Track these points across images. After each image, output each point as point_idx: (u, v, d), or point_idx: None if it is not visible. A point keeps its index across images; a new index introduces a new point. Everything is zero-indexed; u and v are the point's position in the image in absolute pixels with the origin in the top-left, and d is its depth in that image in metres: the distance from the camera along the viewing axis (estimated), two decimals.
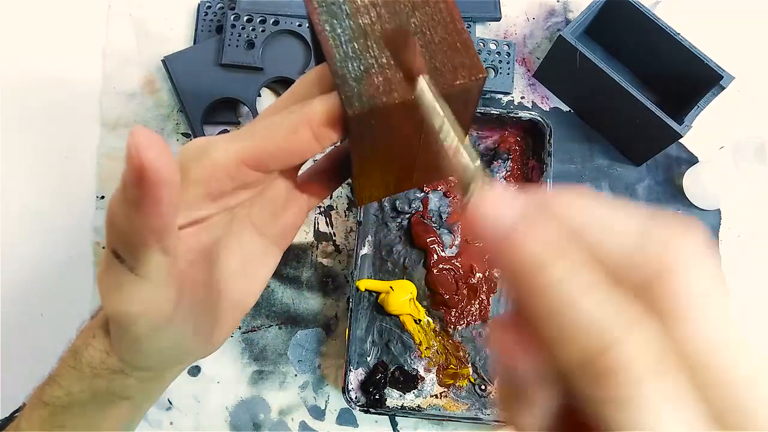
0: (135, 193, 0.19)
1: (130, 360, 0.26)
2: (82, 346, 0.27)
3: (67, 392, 0.27)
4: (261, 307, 0.53)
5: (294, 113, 0.23)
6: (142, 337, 0.24)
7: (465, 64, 0.23)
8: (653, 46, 0.54)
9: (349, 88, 0.23)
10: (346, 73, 0.23)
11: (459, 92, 0.24)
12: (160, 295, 0.23)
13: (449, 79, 0.23)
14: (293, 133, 0.23)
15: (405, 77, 0.23)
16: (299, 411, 0.51)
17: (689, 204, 0.56)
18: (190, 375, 0.51)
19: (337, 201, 0.55)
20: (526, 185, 0.55)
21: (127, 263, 0.21)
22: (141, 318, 0.23)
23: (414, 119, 0.24)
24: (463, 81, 0.23)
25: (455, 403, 0.50)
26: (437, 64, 0.23)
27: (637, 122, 0.52)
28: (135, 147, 0.18)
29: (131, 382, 0.27)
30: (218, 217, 0.25)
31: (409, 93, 0.23)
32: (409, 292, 0.52)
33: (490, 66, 0.56)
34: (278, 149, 0.23)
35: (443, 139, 0.21)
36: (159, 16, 0.60)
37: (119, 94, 0.57)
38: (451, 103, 0.24)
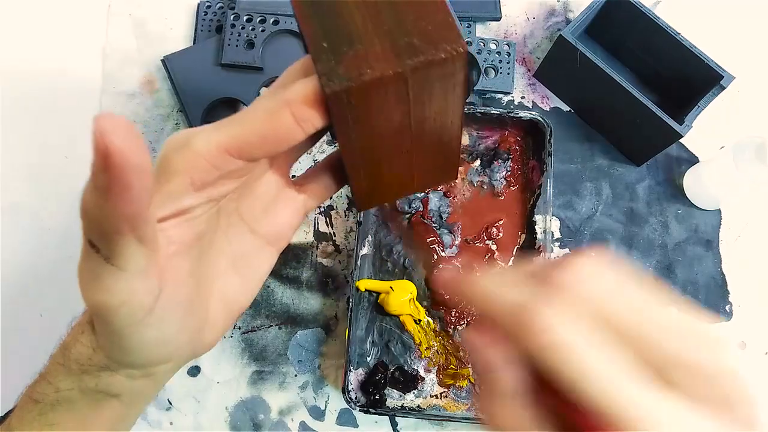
0: (103, 180, 0.18)
1: (115, 355, 0.26)
2: (70, 342, 0.27)
3: (55, 389, 0.27)
4: (261, 307, 0.53)
5: (273, 97, 0.23)
6: (123, 331, 0.23)
7: (445, 39, 0.22)
8: (653, 46, 0.54)
9: (327, 65, 0.22)
10: (324, 49, 0.22)
11: (442, 72, 0.23)
12: (139, 286, 0.22)
13: (428, 55, 0.22)
14: (273, 117, 0.23)
15: (385, 52, 0.22)
16: (299, 411, 0.51)
17: (689, 204, 0.56)
18: (190, 375, 0.51)
19: (337, 201, 0.55)
20: (527, 185, 0.55)
21: (103, 253, 0.21)
22: (120, 310, 0.22)
23: (399, 100, 0.23)
24: (444, 55, 0.22)
25: (455, 403, 0.50)
26: (415, 40, 0.22)
27: (638, 122, 0.52)
28: (100, 132, 0.17)
29: (118, 379, 0.27)
30: (202, 209, 0.25)
31: (389, 67, 0.22)
32: (409, 292, 0.51)
33: (490, 66, 0.56)
34: (259, 135, 0.23)
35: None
36: (159, 16, 0.60)
37: (119, 94, 0.57)
38: (436, 88, 0.24)
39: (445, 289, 0.23)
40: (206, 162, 0.23)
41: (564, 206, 0.56)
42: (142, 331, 0.24)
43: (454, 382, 0.50)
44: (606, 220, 0.56)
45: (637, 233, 0.55)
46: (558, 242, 0.55)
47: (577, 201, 0.56)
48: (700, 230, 0.56)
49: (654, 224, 0.56)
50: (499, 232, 0.54)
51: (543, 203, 0.53)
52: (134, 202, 0.19)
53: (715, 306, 0.54)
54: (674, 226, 0.56)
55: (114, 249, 0.20)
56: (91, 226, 0.20)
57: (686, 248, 0.55)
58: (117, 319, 0.23)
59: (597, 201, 0.56)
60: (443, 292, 0.27)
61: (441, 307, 0.52)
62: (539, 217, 0.53)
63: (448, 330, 0.52)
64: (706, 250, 0.55)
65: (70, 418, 0.27)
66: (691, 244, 0.55)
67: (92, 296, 0.22)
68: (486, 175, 0.56)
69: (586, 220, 0.56)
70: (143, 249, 0.21)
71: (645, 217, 0.56)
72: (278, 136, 0.23)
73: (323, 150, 0.56)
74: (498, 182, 0.55)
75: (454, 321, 0.52)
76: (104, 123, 0.17)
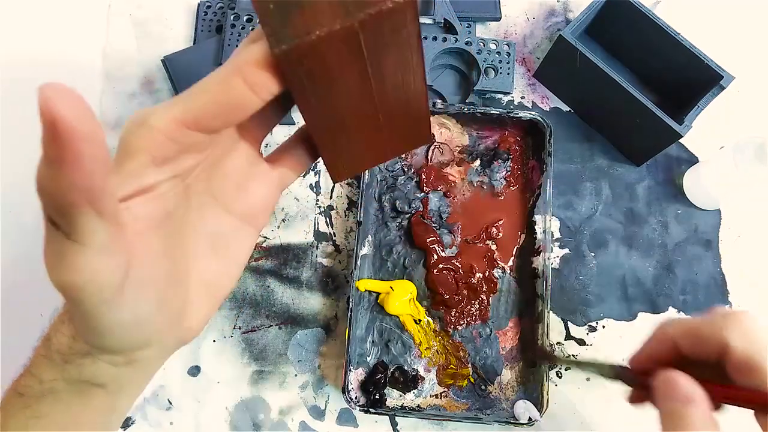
0: (53, 151, 0.18)
1: (91, 339, 0.25)
2: (52, 333, 0.26)
3: (39, 381, 0.27)
4: (261, 307, 0.53)
5: (226, 66, 0.23)
6: (94, 311, 0.23)
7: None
8: (653, 46, 0.54)
9: (274, 27, 0.22)
10: (271, 12, 0.22)
11: (393, 23, 0.22)
12: (103, 262, 0.21)
13: (376, 6, 0.21)
14: (225, 85, 0.23)
15: (333, 7, 0.21)
16: (299, 411, 0.51)
17: (689, 204, 0.56)
18: (190, 375, 0.51)
19: (337, 201, 0.55)
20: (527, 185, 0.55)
21: (63, 229, 0.20)
22: (86, 288, 0.22)
23: (353, 58, 0.23)
24: (392, 5, 0.21)
25: (455, 403, 0.50)
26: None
27: (637, 122, 0.52)
28: (45, 100, 0.17)
29: (101, 366, 0.26)
30: (167, 186, 0.24)
31: (337, 22, 0.21)
32: (409, 292, 0.52)
33: (490, 66, 0.56)
34: (213, 104, 0.23)
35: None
36: (159, 16, 0.60)
37: (119, 94, 0.58)
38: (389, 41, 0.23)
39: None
40: (164, 137, 0.23)
41: (564, 206, 0.56)
42: (114, 311, 0.23)
43: (453, 381, 0.50)
44: (606, 220, 0.56)
45: (637, 233, 0.56)
46: (558, 242, 0.55)
47: (576, 201, 0.56)
48: (700, 230, 0.56)
49: (654, 224, 0.56)
50: (499, 232, 0.54)
51: (543, 203, 0.53)
52: (87, 172, 0.18)
53: (715, 306, 0.54)
54: (674, 226, 0.56)
55: (73, 224, 0.20)
56: (48, 202, 0.20)
57: (686, 248, 0.55)
58: (85, 298, 0.22)
59: (597, 201, 0.56)
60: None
61: (441, 307, 0.52)
62: (539, 217, 0.53)
63: (448, 330, 0.52)
64: (705, 250, 0.55)
65: (56, 410, 0.27)
66: (691, 244, 0.55)
67: (57, 276, 0.22)
68: (486, 175, 0.56)
69: (585, 220, 0.56)
70: (104, 223, 0.21)
71: (645, 217, 0.56)
72: (233, 104, 0.23)
73: None
74: (498, 182, 0.55)
75: (454, 321, 0.52)
76: (49, 91, 0.17)
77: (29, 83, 0.64)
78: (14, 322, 0.52)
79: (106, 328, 0.24)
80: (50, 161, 0.18)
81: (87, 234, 0.20)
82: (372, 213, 0.54)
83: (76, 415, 0.27)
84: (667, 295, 0.54)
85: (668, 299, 0.54)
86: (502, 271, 0.54)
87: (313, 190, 0.56)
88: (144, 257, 0.24)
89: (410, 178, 0.55)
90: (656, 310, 0.54)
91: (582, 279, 0.54)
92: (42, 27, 0.59)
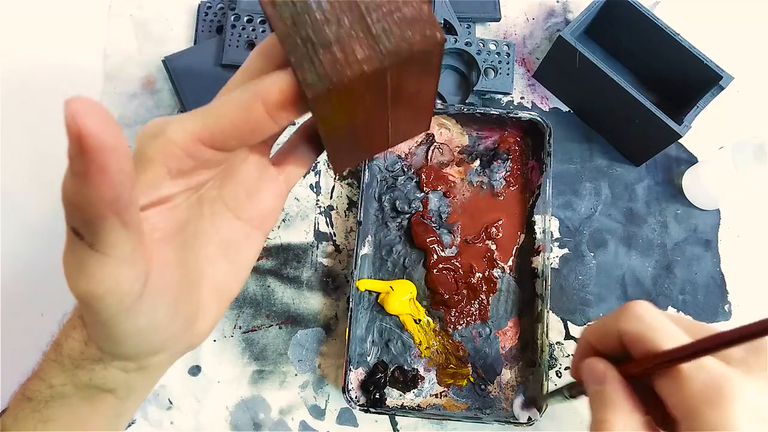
0: (79, 164, 0.18)
1: (106, 346, 0.25)
2: (62, 338, 0.27)
3: (49, 385, 0.27)
4: (261, 307, 0.53)
5: (247, 91, 0.23)
6: (112, 319, 0.23)
7: (421, 29, 0.22)
8: (653, 47, 0.54)
9: (301, 62, 0.22)
10: (300, 49, 0.22)
11: (420, 61, 0.23)
12: (125, 272, 0.22)
13: (407, 50, 0.22)
14: (246, 112, 0.23)
15: (363, 49, 0.22)
16: (299, 410, 0.51)
17: (688, 204, 0.56)
18: (191, 375, 0.51)
19: (337, 201, 0.56)
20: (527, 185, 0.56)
21: (87, 239, 0.20)
22: (107, 297, 0.22)
23: (379, 89, 0.23)
24: (422, 47, 0.22)
25: (455, 402, 0.50)
26: (391, 34, 0.22)
27: (637, 122, 0.52)
28: (71, 115, 0.17)
29: (112, 372, 0.26)
30: (182, 198, 0.24)
31: (368, 65, 0.21)
32: (409, 292, 0.52)
33: (490, 66, 0.56)
34: (232, 127, 0.23)
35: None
36: (159, 16, 0.60)
37: (120, 94, 0.58)
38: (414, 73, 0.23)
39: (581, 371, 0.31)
40: (180, 151, 0.23)
41: (563, 206, 0.56)
42: (132, 319, 0.23)
43: (453, 381, 0.51)
44: (605, 220, 0.56)
45: (636, 233, 0.56)
46: (557, 242, 0.55)
47: (576, 201, 0.56)
48: (699, 230, 0.56)
49: (653, 224, 0.56)
50: (499, 232, 0.54)
51: (542, 203, 0.53)
52: (113, 184, 0.19)
53: (714, 306, 0.54)
54: (673, 226, 0.56)
55: (98, 235, 0.20)
56: (74, 213, 0.20)
57: (685, 248, 0.55)
58: (105, 308, 0.22)
59: (596, 201, 0.56)
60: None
61: (441, 307, 0.52)
62: (538, 217, 0.53)
63: (447, 330, 0.52)
64: (705, 250, 0.56)
65: (64, 414, 0.27)
66: (690, 244, 0.56)
67: (78, 285, 0.22)
68: (485, 175, 0.56)
69: (585, 220, 0.56)
70: (128, 234, 0.21)
71: (644, 217, 0.56)
72: (251, 130, 0.23)
73: None
74: (497, 182, 0.55)
75: (454, 321, 0.52)
76: (76, 106, 0.17)
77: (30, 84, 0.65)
78: (15, 322, 0.52)
79: (122, 336, 0.24)
80: (76, 174, 0.19)
81: (111, 245, 0.21)
82: (372, 213, 0.54)
83: (83, 420, 0.28)
84: (667, 294, 0.54)
85: (667, 299, 0.54)
86: (502, 270, 0.54)
87: (314, 190, 0.56)
88: (160, 266, 0.24)
89: (410, 178, 0.55)
90: None
91: (581, 279, 0.54)
92: (43, 27, 0.59)
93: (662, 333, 0.26)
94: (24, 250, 0.54)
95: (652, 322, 0.26)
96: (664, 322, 0.26)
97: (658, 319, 0.26)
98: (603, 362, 0.28)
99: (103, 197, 0.19)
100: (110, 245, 0.21)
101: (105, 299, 0.22)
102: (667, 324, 0.26)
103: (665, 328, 0.26)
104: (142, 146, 0.23)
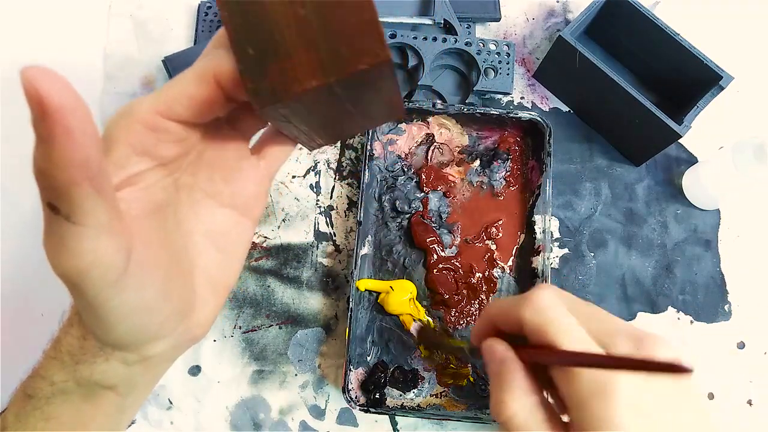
0: (45, 128, 0.18)
1: (101, 333, 0.25)
2: (61, 335, 0.27)
3: (50, 383, 0.27)
4: (261, 307, 0.53)
5: (201, 64, 0.24)
6: (100, 296, 0.23)
7: (369, 48, 0.22)
8: (653, 46, 0.54)
9: (253, 79, 0.22)
10: (249, 57, 0.22)
11: (369, 77, 0.23)
12: (105, 242, 0.22)
13: (350, 65, 0.22)
14: (200, 85, 0.24)
15: (310, 63, 0.22)
16: (299, 410, 0.51)
17: (688, 204, 0.56)
18: (191, 375, 0.51)
19: (337, 201, 0.56)
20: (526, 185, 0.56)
21: (63, 211, 0.20)
22: (91, 270, 0.22)
23: (330, 98, 0.23)
24: (368, 66, 0.22)
25: (455, 402, 0.50)
26: (339, 49, 0.22)
27: (637, 122, 0.52)
28: (29, 80, 0.18)
29: (113, 366, 0.26)
30: (153, 177, 0.25)
31: (314, 81, 0.22)
32: (409, 292, 0.52)
33: (490, 66, 0.56)
34: (188, 99, 0.24)
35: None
36: (159, 16, 0.60)
37: (120, 94, 0.58)
38: (365, 87, 0.23)
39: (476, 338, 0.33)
40: (141, 126, 0.24)
41: (563, 206, 0.56)
42: (120, 295, 0.23)
43: (453, 381, 0.51)
44: (605, 220, 0.56)
45: (636, 233, 0.56)
46: (557, 242, 0.55)
47: (576, 201, 0.56)
48: (699, 230, 0.56)
49: (653, 224, 0.56)
50: (499, 232, 0.54)
51: (542, 203, 0.53)
52: (80, 145, 0.19)
53: (714, 306, 0.54)
54: (673, 226, 0.56)
55: (73, 203, 0.20)
56: (47, 183, 0.20)
57: (685, 248, 0.55)
58: (90, 283, 0.22)
59: (596, 201, 0.56)
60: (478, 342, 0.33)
61: (441, 307, 0.52)
62: (538, 217, 0.53)
63: (447, 330, 0.52)
64: (705, 250, 0.56)
65: (66, 411, 0.27)
66: (690, 244, 0.56)
67: (60, 262, 0.22)
68: (485, 175, 0.56)
69: (585, 220, 0.56)
70: (103, 202, 0.21)
71: (644, 217, 0.56)
72: (205, 102, 0.24)
73: (323, 150, 0.57)
74: (497, 182, 0.55)
75: (454, 321, 0.52)
76: (32, 72, 0.18)
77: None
78: (15, 322, 0.52)
79: (114, 317, 0.24)
80: (43, 140, 0.19)
81: (87, 213, 0.21)
82: (372, 213, 0.54)
83: (85, 417, 0.28)
84: (667, 294, 0.54)
85: (667, 299, 0.54)
86: (502, 270, 0.54)
87: (314, 190, 0.56)
88: (143, 243, 0.24)
89: (410, 178, 0.55)
90: (655, 309, 0.54)
91: (581, 279, 0.54)
92: (43, 27, 0.59)
93: (559, 330, 0.27)
94: (24, 250, 0.54)
95: (552, 317, 0.27)
96: (562, 319, 0.27)
97: (558, 314, 0.27)
98: (503, 345, 0.30)
99: (72, 159, 0.19)
100: (86, 214, 0.21)
101: (89, 273, 0.22)
102: (565, 321, 0.27)
103: (563, 325, 0.27)
104: (108, 129, 0.24)
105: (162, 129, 0.24)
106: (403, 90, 0.57)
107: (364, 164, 0.53)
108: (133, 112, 0.24)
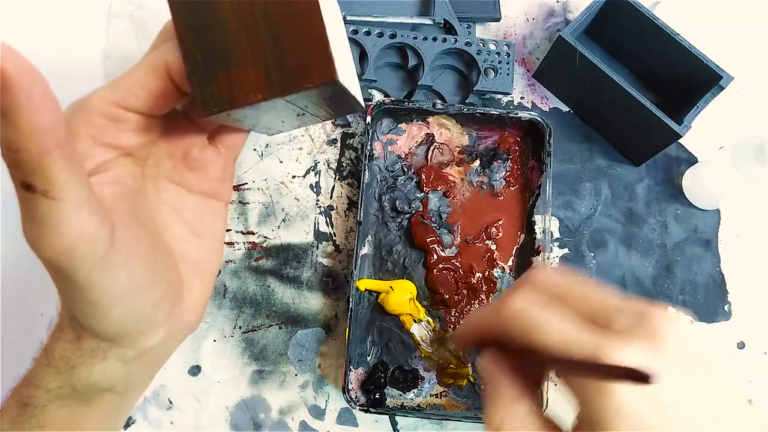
0: (6, 99, 0.19)
1: (94, 322, 0.25)
2: (52, 342, 0.27)
3: (45, 390, 0.27)
4: (261, 307, 0.53)
5: (154, 55, 0.25)
6: (89, 277, 0.23)
7: (316, 65, 0.22)
8: (653, 47, 0.54)
9: (200, 85, 0.22)
10: (198, 62, 0.22)
11: (314, 93, 0.23)
12: (86, 216, 0.21)
13: (297, 83, 0.22)
14: (152, 76, 0.24)
15: (257, 75, 0.22)
16: (299, 410, 0.51)
17: (688, 204, 0.56)
18: (191, 375, 0.51)
19: (337, 201, 0.56)
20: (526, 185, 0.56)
21: (39, 187, 0.20)
22: (77, 247, 0.22)
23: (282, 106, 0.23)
24: (312, 85, 0.22)
25: (455, 402, 0.50)
26: (287, 64, 0.22)
27: (637, 122, 0.52)
28: None
29: (111, 364, 0.26)
30: (120, 166, 0.25)
31: (260, 93, 0.22)
32: (409, 292, 0.52)
33: (490, 66, 0.56)
34: (141, 89, 0.24)
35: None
36: (159, 16, 0.60)
37: None
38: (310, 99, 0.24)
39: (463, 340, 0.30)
40: (99, 117, 0.24)
41: (563, 206, 0.56)
42: (109, 274, 0.23)
43: (453, 381, 0.51)
44: (605, 220, 0.56)
45: (636, 233, 0.56)
46: (557, 242, 0.55)
47: (576, 201, 0.56)
48: (699, 230, 0.56)
49: (653, 224, 0.56)
50: (499, 232, 0.54)
51: (542, 203, 0.53)
52: (44, 110, 0.19)
53: (714, 306, 0.54)
54: (673, 226, 0.56)
55: (48, 175, 0.20)
56: (17, 159, 0.20)
57: (685, 248, 0.55)
58: (77, 263, 0.22)
59: (596, 201, 0.56)
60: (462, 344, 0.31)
61: (441, 307, 0.52)
62: (538, 217, 0.53)
63: (447, 330, 0.52)
64: (705, 250, 0.56)
65: (62, 417, 0.27)
66: (690, 244, 0.56)
67: (45, 245, 0.22)
68: (485, 175, 0.56)
69: (585, 220, 0.56)
70: (77, 175, 0.21)
71: (644, 217, 0.56)
72: (159, 92, 0.24)
73: (323, 150, 0.57)
74: (497, 182, 0.55)
75: (454, 321, 0.52)
76: None
77: None
78: (15, 322, 0.52)
79: (107, 299, 0.24)
80: (7, 112, 0.19)
81: (64, 186, 0.20)
82: (372, 213, 0.54)
83: (82, 420, 0.28)
84: (667, 295, 0.54)
85: (667, 299, 0.54)
86: (502, 270, 0.54)
87: (313, 190, 0.56)
88: (124, 221, 0.24)
89: (410, 178, 0.55)
90: None
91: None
92: (42, 27, 0.59)
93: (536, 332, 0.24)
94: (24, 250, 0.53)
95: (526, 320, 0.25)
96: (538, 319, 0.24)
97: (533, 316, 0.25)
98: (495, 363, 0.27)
99: (40, 125, 0.19)
100: (63, 187, 0.20)
101: (75, 250, 0.22)
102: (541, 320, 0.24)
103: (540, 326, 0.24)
104: (69, 124, 0.24)
105: (121, 119, 0.25)
106: (404, 90, 0.57)
107: (364, 164, 0.53)
108: (90, 104, 0.24)
